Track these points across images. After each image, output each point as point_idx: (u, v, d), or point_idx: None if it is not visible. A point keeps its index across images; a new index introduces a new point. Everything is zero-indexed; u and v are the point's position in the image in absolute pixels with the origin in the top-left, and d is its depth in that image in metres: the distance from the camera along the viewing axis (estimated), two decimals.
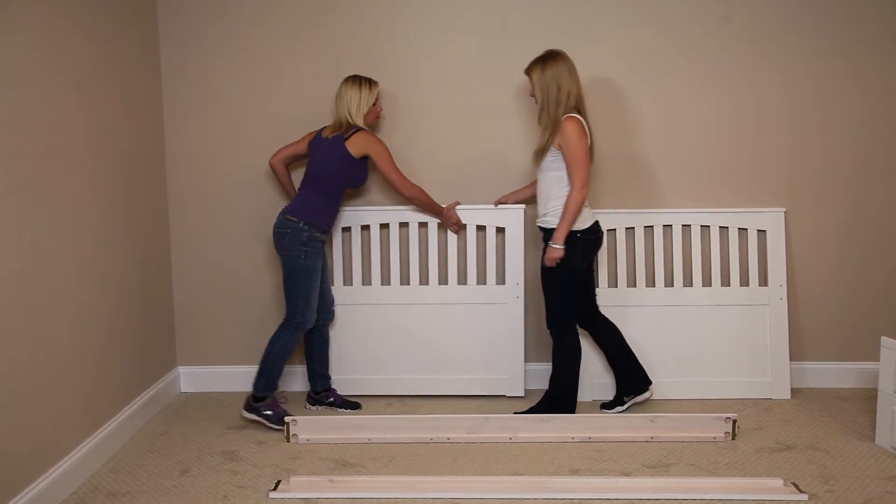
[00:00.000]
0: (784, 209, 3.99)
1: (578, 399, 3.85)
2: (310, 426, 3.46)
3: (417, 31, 3.99)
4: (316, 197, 3.63)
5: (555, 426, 3.44)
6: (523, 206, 3.95)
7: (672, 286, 4.00)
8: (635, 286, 4.00)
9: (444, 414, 3.67)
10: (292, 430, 3.45)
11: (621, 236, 4.00)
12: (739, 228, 4.00)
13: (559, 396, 3.63)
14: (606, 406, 3.79)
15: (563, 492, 2.92)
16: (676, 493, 2.90)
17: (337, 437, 3.44)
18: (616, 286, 4.01)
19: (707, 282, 4.00)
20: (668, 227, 4.02)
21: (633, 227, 4.01)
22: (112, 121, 3.42)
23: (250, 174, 4.04)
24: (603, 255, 3.98)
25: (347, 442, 3.43)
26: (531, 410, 3.66)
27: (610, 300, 3.97)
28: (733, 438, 3.40)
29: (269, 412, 3.60)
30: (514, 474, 3.12)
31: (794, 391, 3.98)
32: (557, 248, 3.47)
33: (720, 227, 4.00)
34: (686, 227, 4.01)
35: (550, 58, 3.50)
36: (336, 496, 2.92)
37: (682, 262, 4.00)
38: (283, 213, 3.62)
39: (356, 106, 3.64)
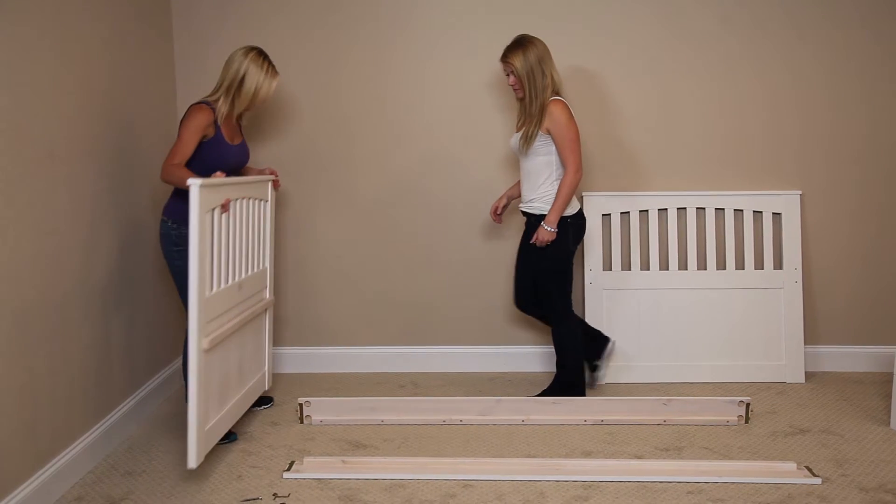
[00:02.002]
0: (800, 192, 3.96)
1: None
2: (323, 407, 3.48)
3: (429, 25, 3.97)
4: (179, 190, 3.19)
5: (567, 409, 3.44)
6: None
7: (686, 269, 3.98)
8: (648, 269, 3.99)
9: (456, 396, 3.67)
10: (306, 411, 3.46)
11: (635, 219, 3.98)
12: (754, 211, 3.97)
13: (568, 379, 3.62)
14: (589, 384, 3.79)
15: (576, 474, 2.93)
16: (689, 476, 2.90)
17: (350, 418, 3.46)
18: (629, 269, 3.99)
19: (721, 265, 3.98)
20: (682, 209, 4.00)
21: (646, 210, 3.99)
22: (123, 110, 3.43)
23: (258, 164, 4.05)
24: (617, 238, 3.97)
25: (360, 423, 3.45)
26: (542, 394, 3.66)
27: (624, 283, 3.96)
28: (747, 422, 3.40)
29: None
30: (526, 456, 3.13)
31: (808, 375, 3.97)
32: (551, 230, 3.40)
33: (735, 210, 3.97)
34: (700, 210, 3.99)
35: (529, 42, 3.41)
36: (349, 477, 2.94)
37: (696, 245, 3.98)
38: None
39: (248, 90, 3.20)
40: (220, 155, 3.24)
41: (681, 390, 3.81)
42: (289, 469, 3.01)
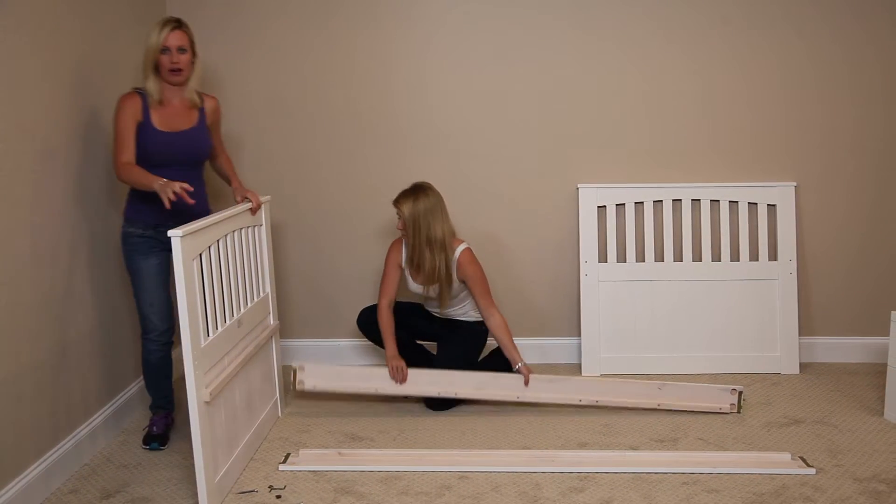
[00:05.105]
0: (795, 184, 3.97)
1: (586, 373, 3.93)
2: (317, 373, 3.43)
3: (431, 21, 3.95)
4: (132, 189, 3.08)
5: (563, 387, 3.44)
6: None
7: (681, 261, 3.98)
8: (644, 261, 3.99)
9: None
10: (299, 375, 3.42)
11: (630, 211, 3.98)
12: (749, 203, 3.97)
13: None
14: None
15: (571, 465, 2.93)
16: (684, 466, 2.91)
17: (343, 385, 3.42)
18: (625, 261, 3.99)
19: (717, 256, 3.99)
20: (677, 201, 4.00)
21: (642, 202, 3.99)
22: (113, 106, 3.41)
23: (258, 161, 4.04)
24: (612, 230, 3.97)
25: (353, 392, 3.43)
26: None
27: (619, 275, 3.96)
28: (739, 411, 3.41)
29: (148, 426, 3.24)
30: (521, 448, 3.13)
31: (802, 366, 3.98)
32: (525, 363, 3.50)
33: (730, 201, 3.97)
34: (696, 201, 3.99)
35: (422, 192, 3.50)
36: (345, 469, 2.94)
37: (691, 236, 3.98)
38: None
39: (146, 47, 2.96)
40: (149, 143, 2.96)
41: (676, 381, 3.80)
42: (285, 461, 3.01)
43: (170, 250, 2.90)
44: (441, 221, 3.49)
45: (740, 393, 3.41)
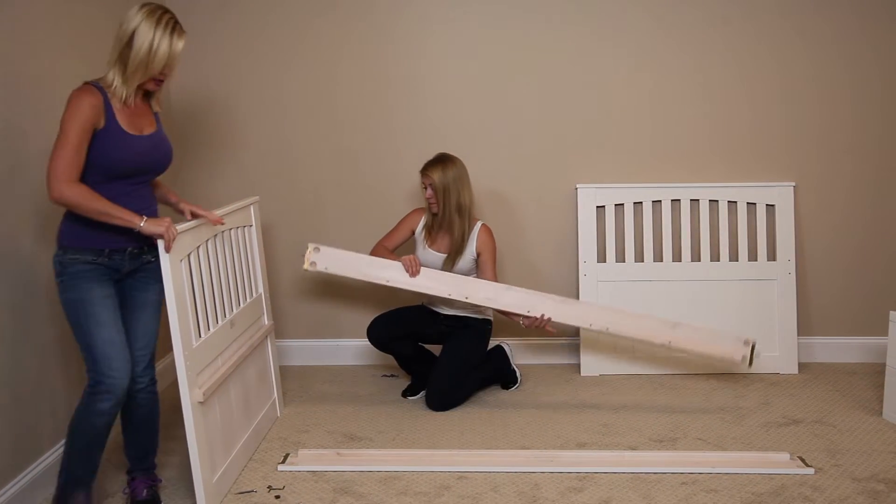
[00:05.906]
0: (793, 184, 3.97)
1: (585, 374, 3.94)
2: (331, 256, 3.43)
3: (430, 21, 3.95)
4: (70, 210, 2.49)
5: (576, 311, 3.44)
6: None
7: (680, 261, 3.98)
8: (643, 261, 3.99)
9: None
10: (313, 256, 3.38)
11: (629, 211, 3.98)
12: (748, 203, 3.97)
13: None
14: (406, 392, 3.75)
15: (570, 465, 2.94)
16: (683, 466, 2.91)
17: (355, 272, 3.43)
18: (624, 261, 3.99)
19: (715, 256, 3.99)
20: (676, 201, 4.00)
21: (640, 202, 3.99)
22: None
23: (254, 160, 4.04)
24: (612, 230, 3.97)
25: (364, 279, 3.45)
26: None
27: (618, 275, 3.97)
28: (750, 364, 3.38)
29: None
30: (520, 448, 3.13)
31: (801, 366, 3.98)
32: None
33: (729, 201, 3.97)
34: (694, 202, 3.99)
35: (449, 160, 3.53)
36: (344, 469, 2.94)
37: (690, 236, 3.98)
38: None
39: (138, 51, 2.36)
40: (118, 150, 2.40)
41: (674, 381, 3.82)
42: (283, 461, 3.01)
43: (123, 280, 2.55)
44: (468, 189, 3.55)
45: (753, 345, 3.36)
